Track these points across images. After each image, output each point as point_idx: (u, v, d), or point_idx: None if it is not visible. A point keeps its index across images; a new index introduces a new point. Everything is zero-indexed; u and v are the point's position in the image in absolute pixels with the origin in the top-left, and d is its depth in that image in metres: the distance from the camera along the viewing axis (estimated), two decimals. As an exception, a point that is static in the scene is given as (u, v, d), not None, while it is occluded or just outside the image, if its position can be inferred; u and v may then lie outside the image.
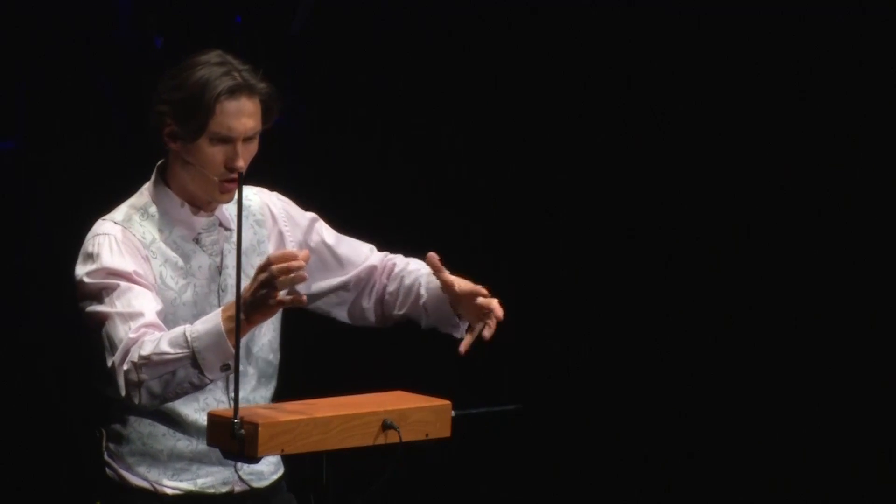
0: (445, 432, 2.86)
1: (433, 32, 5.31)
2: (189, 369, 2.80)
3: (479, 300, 3.03)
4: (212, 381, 2.84)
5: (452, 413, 2.86)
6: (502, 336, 5.22)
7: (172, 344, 2.81)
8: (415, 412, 2.81)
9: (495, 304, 3.04)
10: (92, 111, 5.23)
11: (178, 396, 2.87)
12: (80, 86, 5.22)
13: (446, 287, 3.06)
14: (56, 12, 5.22)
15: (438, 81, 5.29)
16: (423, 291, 3.14)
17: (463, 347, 3.04)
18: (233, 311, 2.76)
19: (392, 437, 2.76)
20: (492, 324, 3.03)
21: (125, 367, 2.83)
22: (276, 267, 2.74)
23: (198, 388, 2.86)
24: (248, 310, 2.77)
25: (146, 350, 2.81)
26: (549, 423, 5.19)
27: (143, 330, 2.86)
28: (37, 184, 5.21)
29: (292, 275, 2.74)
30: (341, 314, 3.25)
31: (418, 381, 3.14)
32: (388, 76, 5.33)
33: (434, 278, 3.10)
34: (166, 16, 5.31)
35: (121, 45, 5.29)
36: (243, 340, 2.82)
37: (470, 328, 3.09)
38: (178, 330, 2.84)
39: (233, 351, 2.74)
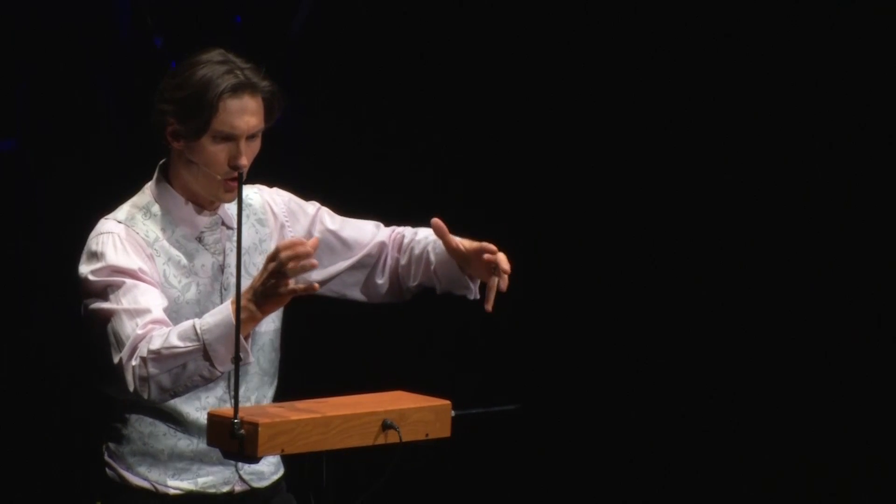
0: (445, 432, 2.85)
1: (432, 31, 5.31)
2: (200, 362, 2.81)
3: (487, 256, 3.02)
4: (222, 373, 2.85)
5: (452, 413, 2.86)
6: (502, 336, 5.24)
7: (182, 337, 2.81)
8: (415, 412, 2.81)
9: (501, 258, 3.03)
10: (92, 111, 5.23)
11: (188, 390, 2.87)
12: (80, 86, 5.22)
13: (452, 250, 3.06)
14: (56, 12, 5.21)
15: (438, 80, 5.29)
16: (433, 258, 3.14)
17: (488, 306, 3.02)
18: (241, 303, 2.77)
19: (392, 437, 2.76)
20: (504, 277, 3.02)
21: (134, 363, 2.83)
22: (284, 255, 2.75)
23: (208, 380, 2.86)
24: (259, 299, 2.78)
25: (155, 344, 2.82)
26: (549, 423, 5.19)
27: (151, 326, 2.86)
28: (37, 184, 5.21)
29: (301, 262, 2.76)
30: (357, 294, 3.25)
31: (418, 381, 3.14)
32: (388, 76, 5.33)
33: (441, 243, 3.10)
34: (166, 16, 5.31)
35: (121, 44, 5.29)
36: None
37: (484, 285, 3.07)
38: (187, 324, 2.84)
39: (243, 342, 2.75)
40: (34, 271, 5.11)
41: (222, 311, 2.82)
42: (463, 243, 3.06)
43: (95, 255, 2.97)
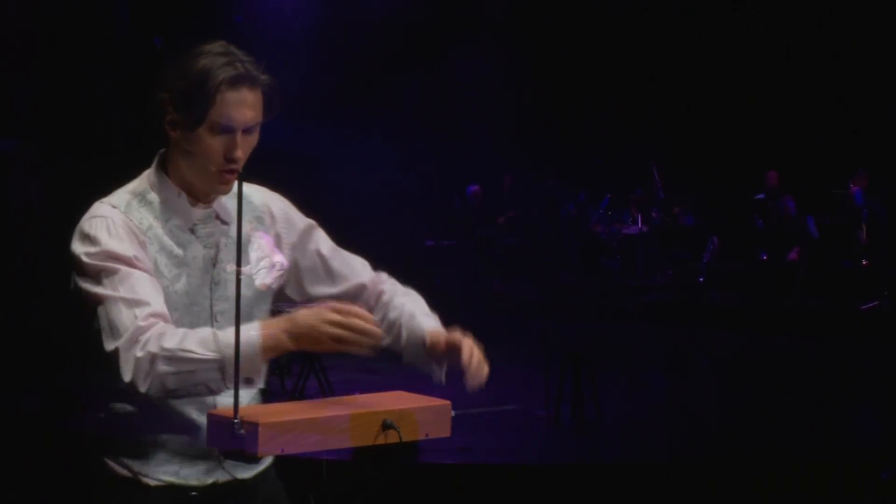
0: (445, 432, 2.84)
1: (432, 31, 5.32)
2: (212, 373, 2.77)
3: (463, 358, 2.98)
4: (228, 389, 2.81)
5: (452, 413, 2.85)
6: (501, 336, 5.23)
7: (201, 344, 2.77)
8: (415, 412, 2.79)
9: (465, 349, 2.98)
10: (92, 110, 5.23)
11: (187, 396, 2.84)
12: (80, 85, 5.23)
13: (436, 353, 3.02)
14: (56, 13, 5.22)
15: (438, 80, 5.30)
16: (404, 334, 3.10)
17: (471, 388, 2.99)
18: (272, 330, 2.74)
19: (392, 437, 2.74)
20: (476, 366, 2.97)
21: (139, 354, 2.80)
22: (358, 324, 2.73)
23: (213, 393, 2.82)
24: (298, 333, 2.75)
25: (170, 343, 2.78)
26: (548, 424, 5.19)
27: (153, 319, 2.83)
28: (37, 184, 5.22)
29: (366, 341, 2.74)
30: None
31: (418, 381, 3.14)
32: (388, 75, 5.34)
33: (414, 323, 3.07)
34: (166, 16, 5.32)
35: (121, 45, 5.30)
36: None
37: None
38: (206, 332, 2.80)
39: (261, 367, 2.73)
40: (34, 270, 5.11)
41: (248, 331, 2.79)
42: (443, 342, 3.02)
43: (89, 238, 2.95)
